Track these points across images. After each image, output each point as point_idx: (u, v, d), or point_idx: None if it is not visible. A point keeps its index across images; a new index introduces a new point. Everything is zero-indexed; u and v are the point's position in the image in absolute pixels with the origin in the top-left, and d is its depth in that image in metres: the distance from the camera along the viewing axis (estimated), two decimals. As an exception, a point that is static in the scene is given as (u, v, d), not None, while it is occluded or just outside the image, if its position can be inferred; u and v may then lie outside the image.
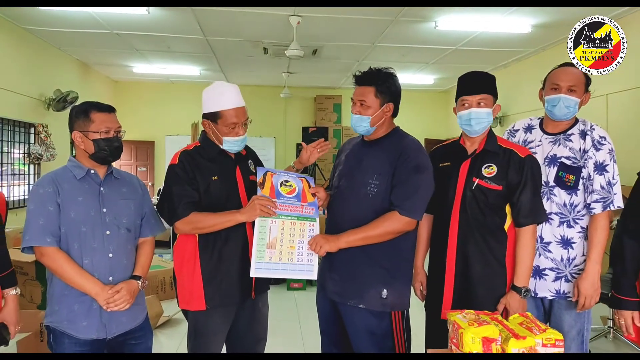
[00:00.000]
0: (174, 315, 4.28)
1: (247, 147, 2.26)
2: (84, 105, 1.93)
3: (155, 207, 2.14)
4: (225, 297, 2.05)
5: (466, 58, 7.18)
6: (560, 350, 1.36)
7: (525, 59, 7.23)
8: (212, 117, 2.06)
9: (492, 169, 2.03)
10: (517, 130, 2.32)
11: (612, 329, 3.80)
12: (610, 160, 2.06)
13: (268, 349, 2.33)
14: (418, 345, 2.13)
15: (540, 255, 2.12)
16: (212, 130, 2.09)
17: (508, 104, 7.61)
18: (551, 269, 2.11)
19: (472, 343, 1.32)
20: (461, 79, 2.11)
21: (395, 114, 2.10)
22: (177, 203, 1.99)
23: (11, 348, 3.27)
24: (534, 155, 2.09)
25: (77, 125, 1.91)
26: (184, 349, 2.33)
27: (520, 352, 1.31)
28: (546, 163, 2.14)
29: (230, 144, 2.08)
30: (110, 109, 1.95)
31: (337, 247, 1.95)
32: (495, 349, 1.32)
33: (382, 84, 2.02)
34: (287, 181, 2.02)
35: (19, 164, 6.40)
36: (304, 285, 5.38)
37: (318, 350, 2.27)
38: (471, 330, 1.33)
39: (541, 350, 1.35)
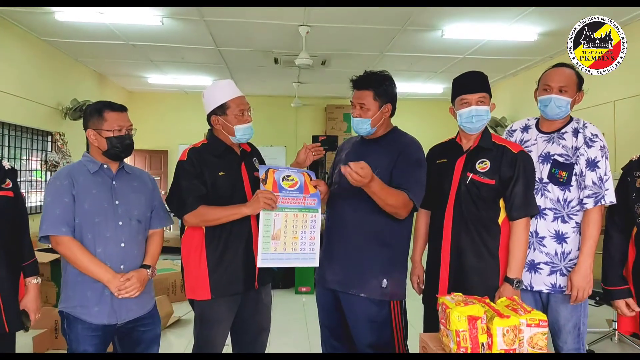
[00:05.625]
0: (183, 315, 4.38)
1: (251, 145, 2.36)
2: (98, 105, 2.04)
3: (165, 201, 2.24)
4: (229, 286, 2.13)
5: (474, 67, 7.10)
6: (545, 330, 1.43)
7: (533, 67, 7.28)
8: (220, 110, 2.17)
9: (485, 164, 2.10)
10: (514, 130, 2.40)
11: (616, 331, 3.80)
12: (602, 157, 2.12)
13: (278, 348, 2.40)
14: (414, 335, 2.19)
15: (535, 249, 2.17)
16: (222, 124, 2.18)
17: (517, 111, 7.65)
18: (546, 263, 2.16)
19: (458, 321, 1.39)
20: (458, 79, 2.19)
21: (392, 113, 2.19)
22: (186, 197, 2.09)
23: (27, 344, 3.39)
24: (528, 152, 2.16)
25: (91, 124, 2.03)
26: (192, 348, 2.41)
27: (505, 330, 1.38)
28: (540, 160, 2.20)
29: (242, 131, 2.18)
30: (122, 109, 2.06)
31: (362, 184, 1.83)
32: (480, 327, 1.39)
33: (379, 87, 2.12)
34: (288, 176, 2.11)
35: (37, 172, 6.57)
36: (311, 290, 5.45)
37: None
38: (458, 310, 1.40)
39: (526, 329, 1.42)
